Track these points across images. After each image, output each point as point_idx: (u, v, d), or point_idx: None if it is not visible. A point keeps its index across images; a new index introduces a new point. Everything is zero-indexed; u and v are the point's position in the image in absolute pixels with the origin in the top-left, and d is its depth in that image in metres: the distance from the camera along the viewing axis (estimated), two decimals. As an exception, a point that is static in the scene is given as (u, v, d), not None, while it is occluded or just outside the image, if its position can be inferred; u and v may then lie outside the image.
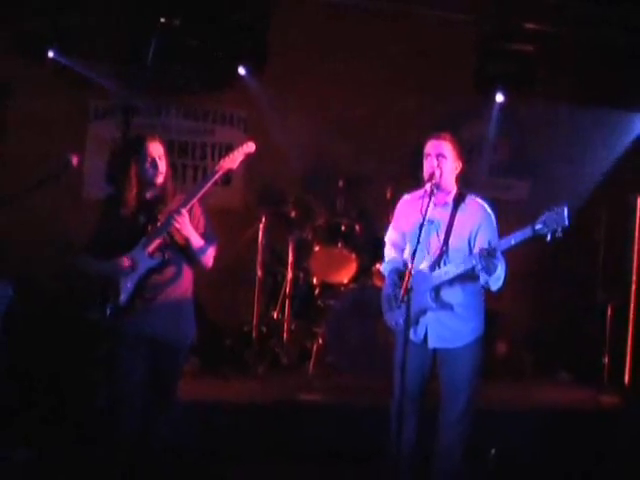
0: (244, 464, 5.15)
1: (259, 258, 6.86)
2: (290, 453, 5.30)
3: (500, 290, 4.21)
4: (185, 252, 4.27)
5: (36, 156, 6.46)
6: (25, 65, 6.86)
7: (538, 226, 3.86)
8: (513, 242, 3.99)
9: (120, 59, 6.87)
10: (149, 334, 4.20)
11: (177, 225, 4.12)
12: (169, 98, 7.42)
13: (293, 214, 7.07)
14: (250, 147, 4.31)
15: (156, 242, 4.17)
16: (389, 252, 4.67)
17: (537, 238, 3.90)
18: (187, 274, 4.34)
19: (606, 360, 6.78)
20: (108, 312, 4.14)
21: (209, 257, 4.31)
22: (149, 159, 4.21)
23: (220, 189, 7.07)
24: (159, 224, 4.17)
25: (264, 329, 6.97)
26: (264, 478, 5.11)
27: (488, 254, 4.01)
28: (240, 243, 6.94)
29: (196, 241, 4.23)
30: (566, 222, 3.78)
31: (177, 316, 4.27)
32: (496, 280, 4.15)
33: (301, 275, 6.96)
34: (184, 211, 4.13)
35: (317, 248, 6.81)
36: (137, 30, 6.76)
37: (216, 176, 4.23)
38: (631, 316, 6.77)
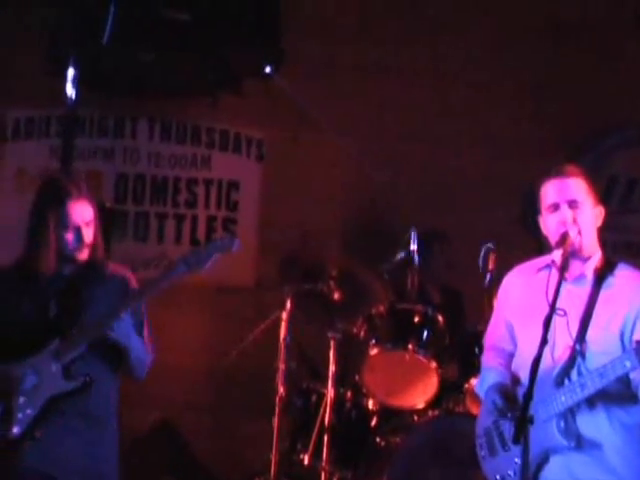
0: None
1: (281, 366, 6.79)
2: None
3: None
4: (115, 357, 4.59)
5: None
6: None
7: None
8: None
9: (58, 42, 6.97)
10: (51, 468, 4.41)
11: (112, 335, 4.46)
12: (138, 105, 7.58)
13: (336, 295, 7.01)
14: (234, 246, 4.57)
15: (74, 352, 4.45)
16: (488, 358, 4.75)
17: None
18: (109, 378, 4.65)
19: None
20: None
21: (145, 369, 4.71)
22: (70, 226, 4.53)
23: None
24: (79, 323, 4.47)
25: (288, 482, 6.99)
26: None
27: None
28: (251, 342, 7.01)
29: (138, 351, 4.61)
30: None
31: (92, 441, 4.52)
32: None
33: (348, 394, 6.85)
34: (125, 316, 4.45)
35: (375, 351, 6.67)
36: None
37: (168, 278, 4.49)
38: None
